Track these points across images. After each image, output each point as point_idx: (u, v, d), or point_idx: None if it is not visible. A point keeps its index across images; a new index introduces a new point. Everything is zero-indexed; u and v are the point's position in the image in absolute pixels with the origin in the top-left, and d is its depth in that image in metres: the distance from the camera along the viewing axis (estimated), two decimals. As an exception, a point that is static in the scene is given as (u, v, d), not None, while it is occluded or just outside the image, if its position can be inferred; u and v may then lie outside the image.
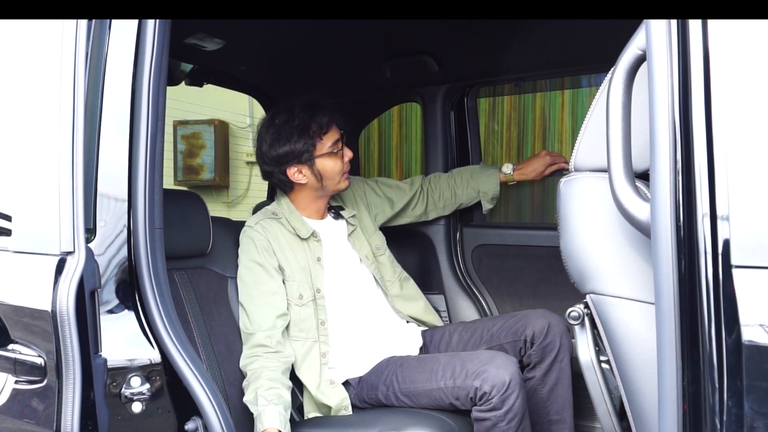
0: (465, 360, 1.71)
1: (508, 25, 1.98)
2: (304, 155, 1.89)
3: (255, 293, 1.83)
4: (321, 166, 1.91)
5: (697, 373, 0.89)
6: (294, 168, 1.91)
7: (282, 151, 1.89)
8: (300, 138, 1.88)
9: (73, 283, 1.14)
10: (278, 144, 1.89)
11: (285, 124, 1.90)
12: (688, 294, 0.89)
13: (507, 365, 1.63)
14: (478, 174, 2.34)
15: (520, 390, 1.61)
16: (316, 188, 1.95)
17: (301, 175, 1.92)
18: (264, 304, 1.81)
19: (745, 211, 0.86)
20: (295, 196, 1.99)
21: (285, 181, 1.95)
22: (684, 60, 0.90)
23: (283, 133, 1.89)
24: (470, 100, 2.56)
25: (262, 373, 1.70)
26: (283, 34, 2.07)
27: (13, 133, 1.32)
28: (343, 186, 1.98)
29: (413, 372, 1.80)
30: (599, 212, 1.13)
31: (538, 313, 1.91)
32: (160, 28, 1.28)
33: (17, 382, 1.26)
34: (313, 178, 1.92)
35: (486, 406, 1.61)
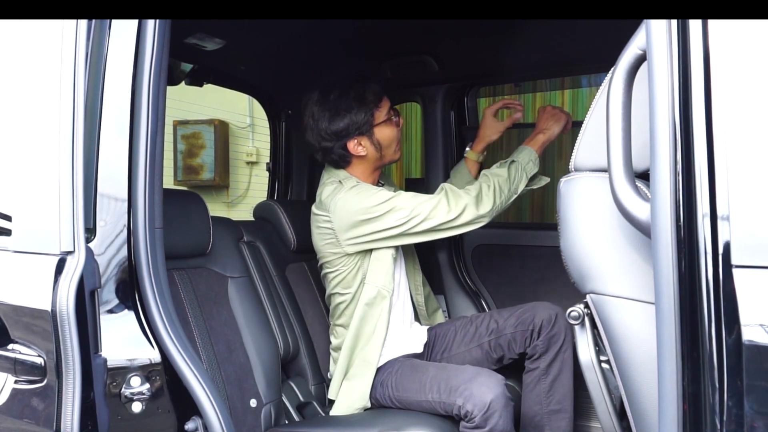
0: (450, 375, 1.72)
1: (508, 25, 1.98)
2: (365, 126, 1.91)
3: (403, 194, 1.88)
4: (380, 135, 1.94)
5: (697, 373, 0.89)
6: (354, 140, 1.92)
7: (343, 125, 1.90)
8: (360, 108, 1.90)
9: (73, 282, 1.14)
10: (338, 117, 1.90)
11: (341, 98, 1.91)
12: (688, 294, 0.89)
13: (490, 384, 1.64)
14: (452, 178, 2.31)
15: (504, 409, 1.61)
16: (375, 159, 1.98)
17: (361, 147, 1.93)
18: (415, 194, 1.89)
19: (745, 211, 0.86)
20: (351, 172, 2.00)
21: (344, 156, 1.95)
22: (684, 60, 0.90)
23: (342, 105, 1.90)
24: (470, 100, 2.56)
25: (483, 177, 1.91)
26: (283, 34, 2.07)
27: (14, 133, 1.32)
28: (397, 156, 2.03)
29: (405, 381, 1.82)
30: (599, 212, 1.13)
31: (544, 304, 1.96)
32: (160, 28, 1.28)
33: (17, 382, 1.26)
34: (373, 149, 1.95)
35: (470, 423, 1.63)
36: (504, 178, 1.91)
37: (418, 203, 1.84)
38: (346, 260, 1.92)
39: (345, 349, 1.93)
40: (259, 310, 1.95)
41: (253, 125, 5.63)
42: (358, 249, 1.90)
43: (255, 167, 5.71)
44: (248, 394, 1.80)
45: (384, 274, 1.90)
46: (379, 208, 1.84)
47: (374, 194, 1.87)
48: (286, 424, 1.90)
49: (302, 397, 2.00)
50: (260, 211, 2.35)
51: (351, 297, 1.93)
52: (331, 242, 1.93)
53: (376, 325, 1.90)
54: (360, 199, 1.86)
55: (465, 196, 1.85)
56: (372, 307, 1.90)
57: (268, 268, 2.13)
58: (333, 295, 2.00)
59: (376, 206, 1.84)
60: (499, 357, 1.98)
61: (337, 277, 1.95)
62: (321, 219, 1.94)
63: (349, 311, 1.94)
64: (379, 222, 1.84)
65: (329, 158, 1.99)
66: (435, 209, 1.83)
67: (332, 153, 1.95)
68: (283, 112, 2.73)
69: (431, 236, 1.89)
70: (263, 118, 2.86)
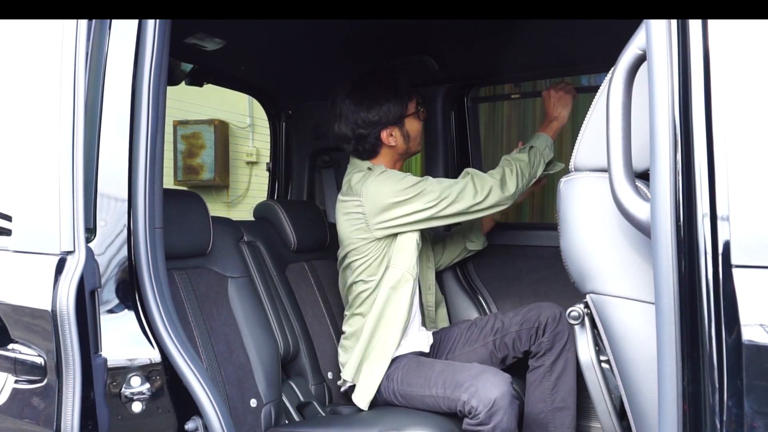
0: (456, 371, 1.74)
1: (508, 25, 1.98)
2: (398, 116, 2.00)
3: (431, 179, 1.94)
4: (409, 126, 2.04)
5: (697, 373, 0.89)
6: (387, 130, 2.01)
7: (381, 113, 1.99)
8: (395, 99, 2.00)
9: (73, 282, 1.14)
10: (376, 106, 1.99)
11: (379, 88, 2.00)
12: (688, 294, 0.89)
13: (497, 382, 1.65)
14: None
15: (509, 407, 1.62)
16: (402, 151, 2.06)
17: (392, 138, 2.02)
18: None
19: (745, 211, 0.86)
20: (377, 162, 2.06)
21: (376, 145, 2.03)
22: (684, 60, 0.90)
23: (380, 95, 1.99)
24: (470, 100, 2.56)
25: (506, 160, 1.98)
26: (283, 34, 2.07)
27: (14, 133, 1.32)
28: (419, 149, 2.16)
29: (411, 375, 1.83)
30: (599, 212, 1.13)
31: (548, 304, 2.00)
32: (160, 28, 1.28)
33: (17, 382, 1.26)
34: (402, 140, 2.04)
35: (474, 420, 1.63)
36: (525, 163, 1.98)
37: (446, 186, 1.91)
38: (373, 246, 1.95)
39: (365, 333, 1.94)
40: (259, 310, 1.95)
41: (253, 125, 5.63)
42: (387, 233, 1.94)
43: (255, 167, 5.71)
44: (248, 394, 1.80)
45: (409, 258, 1.94)
46: (409, 191, 1.90)
47: (403, 178, 1.93)
48: (286, 424, 1.90)
49: (302, 397, 2.00)
50: (260, 211, 2.35)
51: (375, 284, 1.96)
52: (360, 227, 1.95)
53: (398, 307, 1.93)
54: (391, 183, 1.92)
55: (490, 180, 1.92)
56: (396, 290, 1.93)
57: (268, 268, 2.13)
58: (356, 283, 2.01)
59: (406, 189, 1.90)
60: (503, 357, 2.00)
61: (362, 265, 1.98)
62: (351, 204, 1.97)
63: (372, 299, 1.97)
64: (410, 205, 1.90)
65: (360, 147, 2.04)
66: (462, 192, 1.89)
67: (366, 142, 2.02)
68: (283, 112, 2.73)
69: (459, 219, 1.96)
70: (263, 118, 2.86)
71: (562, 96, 2.07)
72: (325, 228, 2.40)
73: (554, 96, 2.09)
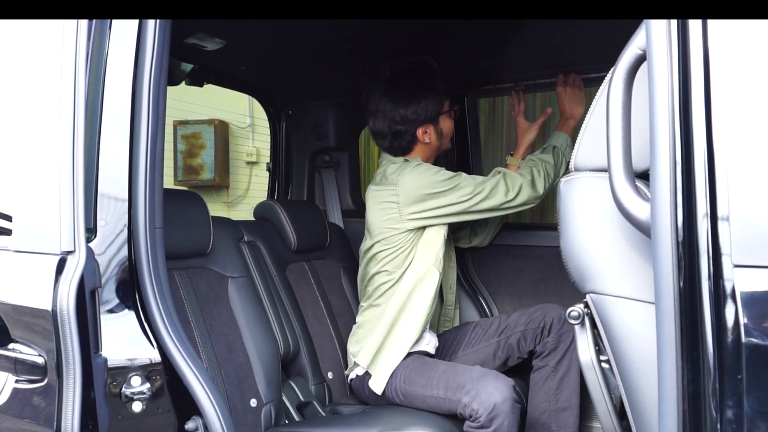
0: (459, 373, 1.74)
1: (508, 25, 1.98)
2: (434, 114, 2.04)
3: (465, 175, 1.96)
4: (443, 124, 2.08)
5: (697, 373, 0.89)
6: (423, 127, 2.04)
7: (419, 111, 2.02)
8: (434, 97, 2.03)
9: (73, 282, 1.14)
10: (414, 104, 2.01)
11: (418, 85, 2.03)
12: (688, 294, 0.89)
13: (498, 386, 1.65)
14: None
15: (511, 412, 1.62)
16: (435, 148, 2.10)
17: (427, 135, 2.05)
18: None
19: (745, 211, 0.86)
20: (411, 157, 2.07)
21: (411, 142, 2.05)
22: (684, 60, 0.90)
23: (418, 93, 2.02)
24: (470, 100, 2.56)
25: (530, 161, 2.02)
26: (283, 34, 2.07)
27: (14, 133, 1.32)
28: (449, 146, 2.21)
29: (414, 374, 1.83)
30: (599, 212, 1.13)
31: (553, 305, 2.02)
32: (160, 28, 1.28)
33: (17, 382, 1.26)
34: (436, 137, 2.07)
35: (475, 423, 1.63)
36: (551, 164, 2.02)
37: (480, 182, 1.95)
38: (403, 237, 1.97)
39: (385, 323, 1.95)
40: (260, 310, 1.95)
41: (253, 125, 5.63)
42: (419, 224, 1.96)
43: (255, 167, 5.71)
44: (248, 393, 1.80)
45: (436, 252, 1.96)
46: (445, 183, 1.93)
47: (439, 171, 1.96)
48: (286, 424, 1.90)
49: (302, 397, 2.00)
50: (260, 211, 2.35)
51: (398, 276, 1.98)
52: (392, 217, 1.97)
53: (423, 300, 1.94)
54: (428, 174, 1.95)
55: (520, 179, 1.96)
56: (422, 282, 1.95)
57: (268, 268, 2.13)
58: (378, 274, 2.02)
59: (442, 182, 1.92)
60: (505, 358, 1.99)
61: (389, 256, 1.99)
62: (386, 194, 1.99)
63: (393, 291, 1.98)
64: (444, 198, 1.92)
65: (396, 143, 2.06)
66: (495, 189, 1.93)
67: (402, 138, 2.04)
68: (283, 112, 2.73)
69: (490, 214, 1.99)
70: (263, 118, 2.86)
71: (575, 93, 2.10)
72: (326, 228, 2.40)
73: (569, 93, 2.12)
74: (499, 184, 1.94)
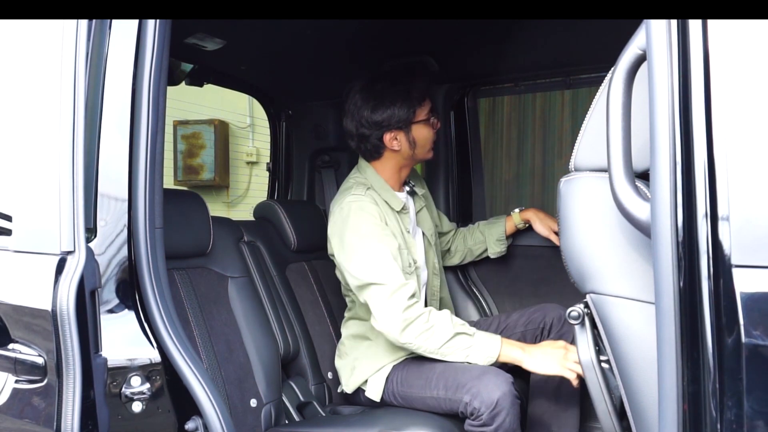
0: (458, 372, 1.72)
1: (508, 25, 1.98)
2: (404, 121, 1.92)
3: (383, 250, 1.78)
4: (416, 133, 1.95)
5: (697, 373, 0.89)
6: (391, 133, 1.93)
7: (385, 116, 1.91)
8: (403, 103, 1.91)
9: (73, 282, 1.14)
10: (381, 108, 1.91)
11: (388, 89, 1.92)
12: (688, 294, 0.89)
13: (498, 383, 1.63)
14: (485, 223, 2.37)
15: (512, 407, 1.61)
16: (406, 156, 1.98)
17: (396, 142, 1.95)
18: (395, 261, 1.79)
19: (745, 211, 0.86)
20: (381, 165, 2.01)
21: (378, 147, 1.96)
22: (684, 60, 0.90)
23: (387, 97, 1.92)
24: (470, 100, 2.56)
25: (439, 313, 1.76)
26: (283, 34, 2.07)
27: (14, 133, 1.32)
28: (429, 156, 2.04)
29: (411, 376, 1.82)
30: (599, 212, 1.13)
31: (553, 305, 1.98)
32: (160, 28, 1.28)
33: (17, 382, 1.26)
34: (407, 145, 1.96)
35: (477, 421, 1.62)
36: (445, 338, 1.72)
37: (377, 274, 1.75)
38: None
39: (366, 338, 1.93)
40: (259, 310, 1.95)
41: (253, 125, 5.63)
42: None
43: (255, 167, 5.71)
44: (248, 393, 1.80)
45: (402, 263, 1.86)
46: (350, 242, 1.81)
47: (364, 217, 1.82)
48: (286, 424, 1.90)
49: (302, 397, 2.00)
50: (260, 211, 2.35)
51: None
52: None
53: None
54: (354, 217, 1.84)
55: (409, 314, 1.71)
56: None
57: (268, 268, 2.13)
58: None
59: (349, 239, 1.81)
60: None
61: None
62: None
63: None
64: (339, 250, 1.85)
65: (363, 147, 1.99)
66: (377, 288, 1.74)
67: (368, 142, 1.96)
68: (283, 112, 2.74)
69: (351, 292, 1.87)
70: (263, 118, 2.86)
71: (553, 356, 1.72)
72: (326, 228, 2.40)
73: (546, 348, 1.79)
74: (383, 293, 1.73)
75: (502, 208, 2.57)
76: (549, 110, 2.41)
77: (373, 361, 1.91)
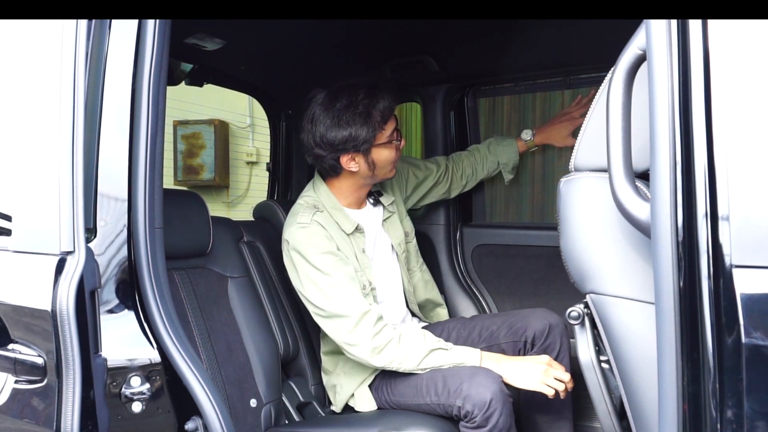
0: (446, 376, 1.70)
1: (508, 25, 1.98)
2: (364, 144, 1.77)
3: (339, 278, 1.73)
4: (376, 156, 1.82)
5: (697, 373, 0.89)
6: (348, 155, 1.80)
7: (341, 137, 1.76)
8: (363, 126, 1.75)
9: (73, 282, 1.14)
10: (337, 129, 1.76)
11: (347, 109, 1.76)
12: (688, 294, 0.89)
13: (488, 383, 1.62)
14: (495, 146, 2.34)
15: (504, 406, 1.60)
16: (365, 177, 1.87)
17: (353, 163, 1.81)
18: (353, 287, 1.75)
19: (745, 211, 0.86)
20: (338, 184, 1.90)
21: (335, 167, 1.84)
22: (684, 60, 0.90)
23: (345, 118, 1.76)
24: (470, 100, 2.56)
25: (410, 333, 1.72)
26: (283, 34, 2.07)
27: (14, 133, 1.32)
28: (391, 175, 1.92)
29: (401, 386, 1.80)
30: (599, 212, 1.13)
31: (538, 313, 1.90)
32: (160, 28, 1.28)
33: (17, 382, 1.26)
34: (366, 168, 1.83)
35: (471, 423, 1.61)
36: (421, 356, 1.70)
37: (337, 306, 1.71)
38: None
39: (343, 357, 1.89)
40: (259, 310, 1.95)
41: (253, 125, 5.63)
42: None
43: (255, 167, 5.71)
44: (248, 394, 1.80)
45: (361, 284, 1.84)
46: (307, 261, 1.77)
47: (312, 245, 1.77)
48: (286, 424, 1.90)
49: (302, 397, 2.00)
50: (260, 211, 2.35)
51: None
52: None
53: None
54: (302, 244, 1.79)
55: (380, 339, 1.69)
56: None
57: (268, 268, 2.13)
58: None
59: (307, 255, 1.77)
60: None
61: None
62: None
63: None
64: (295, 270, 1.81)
65: (319, 165, 1.88)
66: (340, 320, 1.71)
67: (323, 162, 1.84)
68: (283, 112, 2.73)
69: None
70: (263, 118, 2.86)
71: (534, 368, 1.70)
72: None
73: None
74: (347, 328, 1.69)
75: (502, 208, 2.57)
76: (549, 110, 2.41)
77: (351, 378, 1.88)
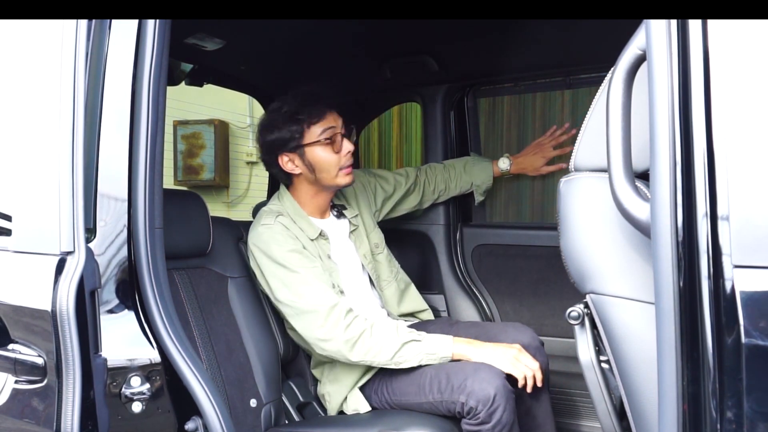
0: (450, 373, 1.69)
1: (508, 25, 1.98)
2: (291, 143, 1.86)
3: (306, 275, 1.77)
4: (311, 156, 1.86)
5: (697, 373, 0.89)
6: (285, 156, 1.88)
7: (271, 138, 1.88)
8: (286, 124, 1.86)
9: (73, 282, 1.14)
10: (268, 131, 1.89)
11: (276, 111, 1.89)
12: (688, 294, 0.89)
13: (491, 378, 1.62)
14: (471, 166, 2.37)
15: (507, 402, 1.60)
16: (311, 180, 1.91)
17: (293, 165, 1.89)
18: (321, 282, 1.77)
19: (745, 211, 0.86)
20: (295, 191, 1.96)
21: (283, 172, 1.92)
22: (684, 60, 0.90)
23: (273, 119, 1.89)
24: (470, 100, 2.56)
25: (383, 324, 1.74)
26: (283, 34, 2.07)
27: (14, 133, 1.32)
28: (342, 182, 1.90)
29: (402, 385, 1.79)
30: (599, 212, 1.13)
31: (510, 330, 1.88)
32: (160, 28, 1.28)
33: (17, 382, 1.26)
34: (306, 169, 1.89)
35: (474, 420, 1.61)
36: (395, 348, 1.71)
37: (305, 301, 1.74)
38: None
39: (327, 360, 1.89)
40: (259, 310, 1.95)
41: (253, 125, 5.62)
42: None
43: (255, 167, 5.71)
44: (248, 394, 1.80)
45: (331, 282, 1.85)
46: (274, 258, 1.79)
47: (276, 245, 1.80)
48: (286, 424, 1.90)
49: (302, 397, 2.00)
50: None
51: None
52: None
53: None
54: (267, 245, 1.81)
55: (350, 332, 1.70)
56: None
57: (268, 268, 2.13)
58: None
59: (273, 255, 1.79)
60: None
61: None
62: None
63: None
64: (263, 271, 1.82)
65: (273, 172, 1.98)
66: (310, 315, 1.73)
67: (271, 167, 1.94)
68: (283, 112, 2.73)
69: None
70: (263, 118, 2.85)
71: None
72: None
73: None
74: (317, 322, 1.71)
75: (502, 208, 2.57)
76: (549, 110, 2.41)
77: (338, 385, 1.88)
